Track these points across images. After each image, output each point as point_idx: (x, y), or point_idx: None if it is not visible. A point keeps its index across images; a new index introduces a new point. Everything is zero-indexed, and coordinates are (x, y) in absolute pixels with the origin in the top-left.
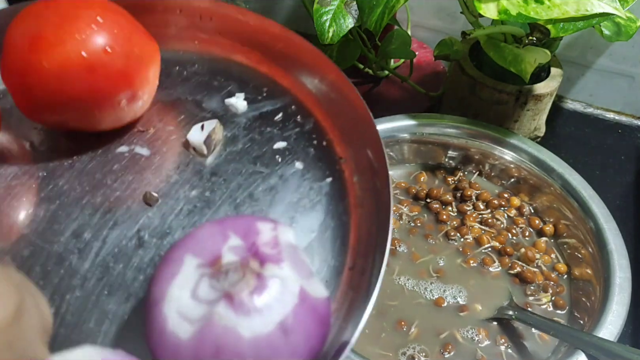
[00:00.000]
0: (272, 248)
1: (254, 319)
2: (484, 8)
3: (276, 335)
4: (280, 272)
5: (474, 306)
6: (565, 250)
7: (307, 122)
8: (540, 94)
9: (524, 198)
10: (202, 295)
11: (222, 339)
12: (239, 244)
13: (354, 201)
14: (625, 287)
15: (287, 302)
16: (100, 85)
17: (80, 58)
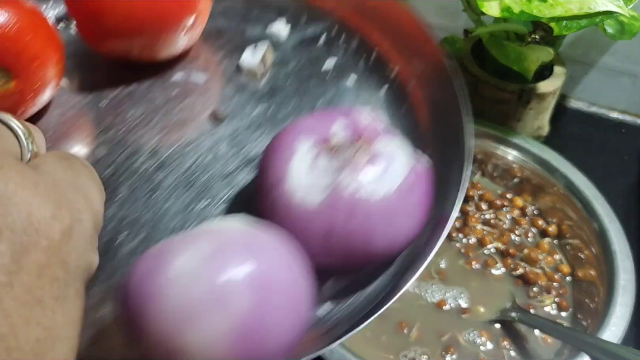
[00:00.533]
0: (377, 126)
1: (378, 184)
2: (486, 6)
3: (397, 198)
4: (390, 143)
5: (476, 308)
6: (568, 251)
7: (352, 40)
8: (543, 92)
9: (527, 198)
10: (322, 168)
11: (352, 202)
12: (346, 125)
13: (414, 103)
14: (629, 289)
15: (401, 169)
16: (168, 8)
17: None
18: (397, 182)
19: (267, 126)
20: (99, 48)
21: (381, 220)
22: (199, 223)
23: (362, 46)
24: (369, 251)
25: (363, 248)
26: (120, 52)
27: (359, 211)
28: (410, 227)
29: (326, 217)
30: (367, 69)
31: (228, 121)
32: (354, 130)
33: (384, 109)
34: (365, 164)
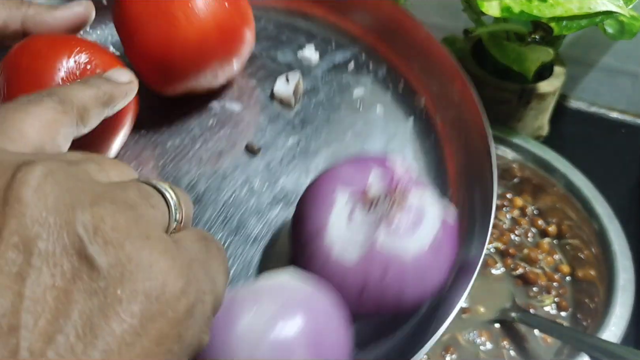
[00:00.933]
0: (409, 178)
1: (413, 241)
2: (486, 6)
3: (429, 255)
4: (423, 199)
5: (476, 308)
6: (568, 251)
7: (379, 68)
8: (543, 92)
9: (527, 198)
10: (359, 222)
11: (388, 261)
12: (382, 176)
13: (441, 137)
14: (629, 289)
15: (434, 226)
16: (229, 45)
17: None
18: (429, 238)
19: (299, 159)
20: (163, 92)
21: (414, 276)
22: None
23: (389, 74)
24: (400, 303)
25: (395, 301)
26: (182, 92)
27: (394, 268)
28: (440, 279)
29: (362, 274)
30: (394, 98)
31: (262, 153)
32: (389, 181)
33: (410, 141)
34: (400, 219)
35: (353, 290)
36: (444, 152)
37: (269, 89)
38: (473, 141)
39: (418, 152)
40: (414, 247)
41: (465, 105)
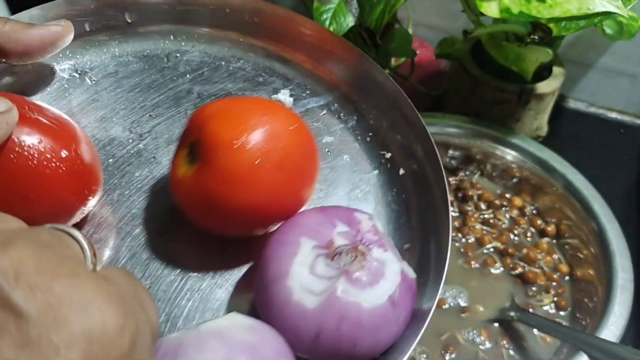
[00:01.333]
0: (374, 235)
1: (371, 293)
2: (485, 6)
3: (387, 307)
4: (385, 254)
5: (475, 307)
6: (567, 251)
7: (350, 118)
8: (542, 93)
9: (526, 198)
10: (320, 272)
11: (346, 309)
12: (347, 230)
13: (404, 190)
14: (628, 288)
15: (393, 279)
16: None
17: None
18: (387, 293)
19: None
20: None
21: (369, 327)
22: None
23: (359, 125)
24: (354, 353)
25: (349, 350)
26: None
27: (350, 319)
28: (394, 334)
29: (319, 320)
30: (362, 149)
31: None
32: (354, 235)
33: (373, 192)
34: (360, 273)
35: (309, 334)
36: (405, 204)
37: None
38: (433, 196)
39: (380, 203)
40: (371, 299)
41: (428, 162)
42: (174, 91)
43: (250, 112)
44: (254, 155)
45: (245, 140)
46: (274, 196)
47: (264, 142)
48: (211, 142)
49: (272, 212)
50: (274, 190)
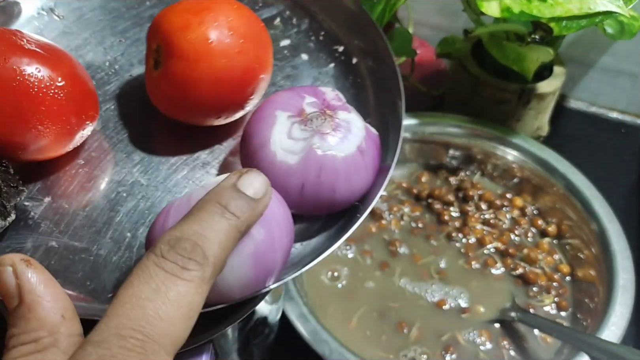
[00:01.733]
0: (338, 101)
1: (342, 145)
2: (486, 6)
3: (357, 155)
4: (349, 115)
5: (475, 308)
6: (568, 251)
7: (302, 23)
8: (543, 92)
9: (527, 198)
10: (297, 135)
11: (323, 160)
12: (314, 100)
13: (357, 76)
14: (629, 289)
15: (359, 134)
16: (248, 81)
17: (233, 57)
18: (355, 144)
19: None
20: (175, 116)
21: (344, 173)
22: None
23: (311, 27)
24: (333, 200)
25: (329, 197)
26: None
27: (327, 168)
28: (365, 180)
29: (302, 173)
30: (317, 47)
31: None
32: (321, 104)
33: (332, 81)
34: (330, 131)
35: (295, 188)
36: (362, 87)
37: None
38: (385, 76)
39: (340, 88)
40: (343, 150)
41: (375, 44)
42: (138, 17)
43: (197, 4)
44: (205, 35)
45: (196, 24)
46: (232, 71)
47: (213, 22)
48: (169, 39)
49: (233, 86)
50: (232, 64)
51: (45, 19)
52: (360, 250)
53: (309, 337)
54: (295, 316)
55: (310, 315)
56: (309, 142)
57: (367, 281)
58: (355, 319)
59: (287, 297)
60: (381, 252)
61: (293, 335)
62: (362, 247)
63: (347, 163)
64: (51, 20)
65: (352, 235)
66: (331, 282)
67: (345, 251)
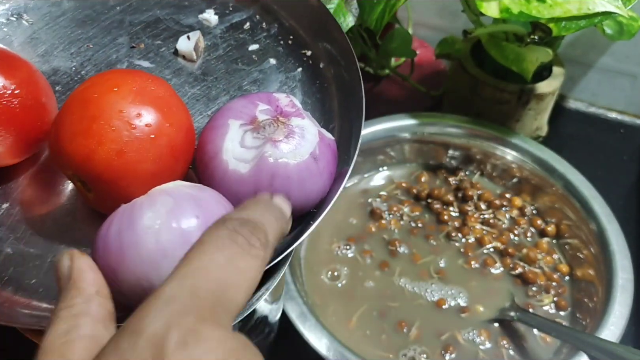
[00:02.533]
0: (292, 108)
1: (295, 152)
2: (485, 6)
3: (310, 162)
4: (302, 122)
5: (475, 307)
6: (567, 251)
7: (272, 27)
8: (542, 93)
9: (526, 198)
10: (249, 144)
11: (275, 168)
12: (267, 108)
13: (325, 80)
14: (628, 288)
15: (312, 140)
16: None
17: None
18: (308, 151)
19: (201, 104)
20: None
21: (297, 180)
22: None
23: (280, 31)
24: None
25: None
26: None
27: (280, 175)
28: (320, 186)
29: (254, 181)
30: (285, 52)
31: None
32: (274, 111)
33: (300, 86)
34: (283, 138)
35: (248, 196)
36: (328, 92)
37: (173, 47)
38: (349, 82)
39: (307, 94)
40: (295, 157)
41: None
42: (106, 22)
43: (82, 114)
44: (112, 150)
45: (95, 144)
46: (161, 159)
47: (109, 130)
48: (82, 171)
49: (172, 166)
50: (156, 156)
51: (14, 24)
52: (360, 249)
53: (308, 337)
54: (295, 315)
55: (310, 314)
56: (260, 150)
57: (367, 281)
58: (355, 318)
59: (287, 296)
60: (381, 252)
61: (293, 335)
62: (362, 247)
63: (300, 170)
64: (20, 26)
65: (352, 234)
66: (331, 281)
67: (345, 251)
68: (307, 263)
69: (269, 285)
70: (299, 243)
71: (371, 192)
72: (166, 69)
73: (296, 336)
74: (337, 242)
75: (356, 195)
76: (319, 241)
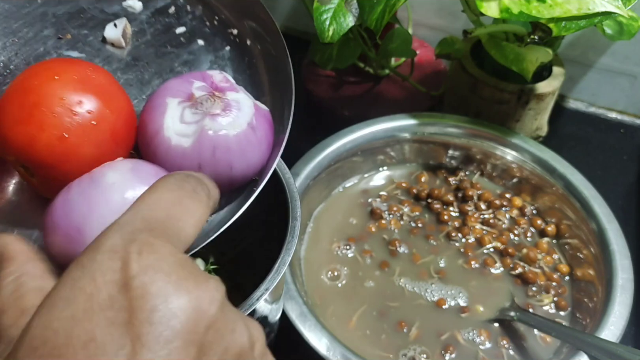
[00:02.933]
0: (225, 83)
1: (233, 123)
2: (485, 6)
3: (249, 131)
4: (237, 95)
5: (475, 307)
6: (567, 251)
7: (196, 9)
8: (542, 93)
9: (526, 198)
10: (188, 119)
11: (215, 139)
12: (202, 85)
13: (252, 57)
14: (628, 288)
15: (248, 112)
16: None
17: None
18: (246, 121)
19: (135, 88)
20: None
21: (238, 149)
22: None
23: (205, 13)
24: (231, 176)
25: (227, 174)
26: None
27: (221, 146)
28: (260, 154)
29: (197, 154)
30: (212, 32)
31: None
32: (209, 87)
33: (229, 64)
34: (220, 112)
35: (192, 169)
36: (256, 67)
37: (101, 35)
38: (276, 56)
39: (238, 70)
40: (234, 128)
41: (267, 31)
42: (29, 16)
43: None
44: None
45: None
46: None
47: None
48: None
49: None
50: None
51: None
52: (360, 249)
53: (308, 337)
54: (295, 315)
55: (310, 314)
56: (200, 125)
57: (367, 281)
58: (355, 318)
59: (287, 296)
60: (381, 252)
61: (293, 335)
62: (362, 247)
63: (240, 140)
64: None
65: (352, 234)
66: (331, 281)
67: (345, 251)
68: (307, 263)
69: (268, 285)
70: (249, 203)
71: (371, 192)
72: (96, 57)
73: (296, 336)
74: (337, 242)
75: (356, 195)
76: (319, 241)
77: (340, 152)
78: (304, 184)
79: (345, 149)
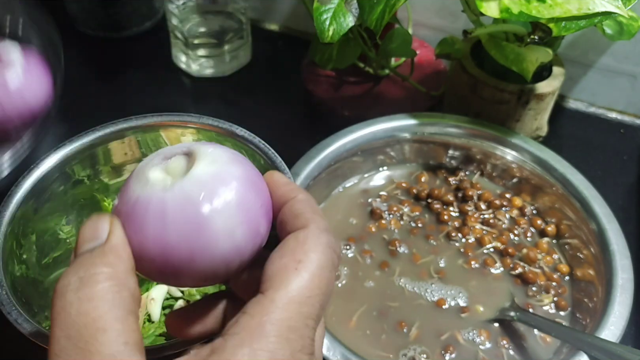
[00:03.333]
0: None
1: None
2: (485, 6)
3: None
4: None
5: (475, 307)
6: (567, 251)
7: None
8: (542, 93)
9: (526, 198)
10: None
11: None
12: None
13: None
14: (628, 288)
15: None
16: None
17: None
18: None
19: None
20: None
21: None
22: None
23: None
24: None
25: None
26: None
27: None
28: (43, 87)
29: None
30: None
31: None
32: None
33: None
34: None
35: None
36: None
37: None
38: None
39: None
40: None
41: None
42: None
43: None
44: None
45: None
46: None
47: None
48: None
49: None
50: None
51: None
52: (360, 249)
53: None
54: None
55: None
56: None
57: (367, 281)
58: (355, 318)
59: None
60: (381, 252)
61: None
62: (362, 247)
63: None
64: None
65: (352, 234)
66: None
67: (345, 251)
68: None
69: None
70: None
71: (371, 192)
72: None
73: None
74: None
75: (356, 195)
76: None
77: (340, 152)
78: (303, 184)
79: (345, 149)
